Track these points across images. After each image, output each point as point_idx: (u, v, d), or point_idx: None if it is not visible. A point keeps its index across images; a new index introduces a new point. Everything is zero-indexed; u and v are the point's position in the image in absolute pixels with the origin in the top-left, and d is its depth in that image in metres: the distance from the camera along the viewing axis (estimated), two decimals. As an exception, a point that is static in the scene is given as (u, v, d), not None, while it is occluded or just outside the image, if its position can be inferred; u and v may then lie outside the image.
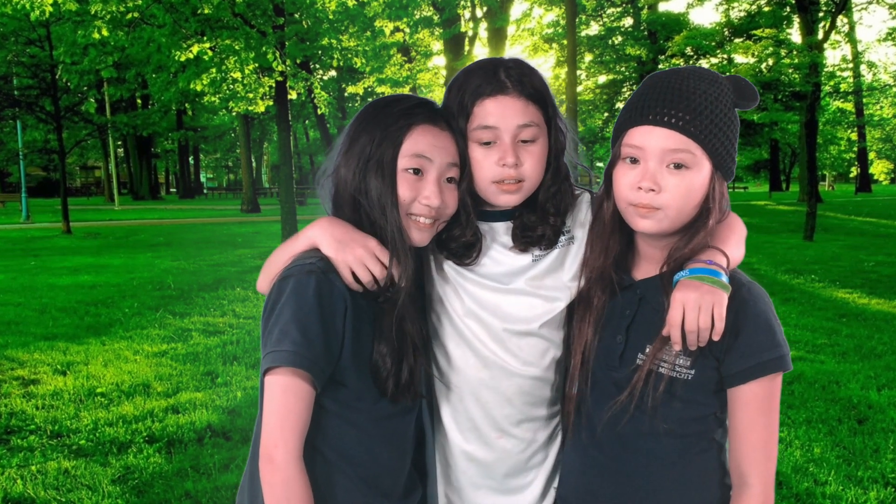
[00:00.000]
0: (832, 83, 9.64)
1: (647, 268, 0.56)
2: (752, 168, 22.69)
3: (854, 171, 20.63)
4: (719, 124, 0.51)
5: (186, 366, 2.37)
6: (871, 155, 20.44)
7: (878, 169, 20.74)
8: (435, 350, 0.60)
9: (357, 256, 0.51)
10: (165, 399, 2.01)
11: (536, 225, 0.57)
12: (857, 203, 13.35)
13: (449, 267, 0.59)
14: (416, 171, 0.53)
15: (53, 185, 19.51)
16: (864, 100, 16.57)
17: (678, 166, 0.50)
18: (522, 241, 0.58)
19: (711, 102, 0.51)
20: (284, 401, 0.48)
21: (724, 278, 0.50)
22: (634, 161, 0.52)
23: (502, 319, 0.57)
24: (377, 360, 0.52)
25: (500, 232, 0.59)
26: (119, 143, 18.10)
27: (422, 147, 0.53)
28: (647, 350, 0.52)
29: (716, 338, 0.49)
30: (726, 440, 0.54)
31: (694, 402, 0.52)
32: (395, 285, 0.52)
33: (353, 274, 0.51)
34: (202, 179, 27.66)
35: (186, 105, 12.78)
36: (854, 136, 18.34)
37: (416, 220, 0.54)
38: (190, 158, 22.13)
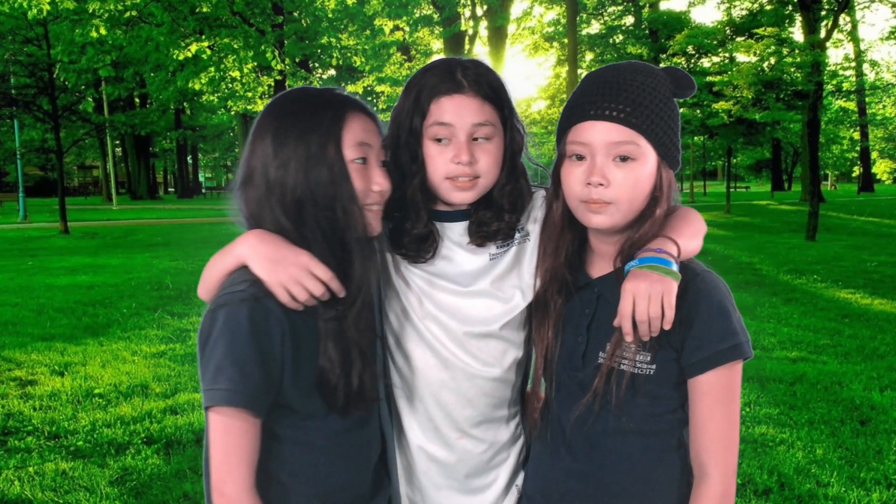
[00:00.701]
0: (834, 82, 9.60)
1: (602, 265, 0.56)
2: (754, 167, 22.65)
3: (856, 171, 20.52)
4: (660, 114, 0.51)
5: (185, 366, 2.35)
6: (874, 154, 20.14)
7: (881, 168, 20.58)
8: (395, 350, 0.59)
9: (291, 275, 0.48)
10: (164, 400, 2.00)
11: (492, 220, 0.58)
12: (860, 203, 13.31)
13: (406, 268, 0.59)
14: (363, 160, 0.52)
15: (51, 185, 19.30)
16: (867, 99, 16.47)
17: (624, 159, 0.51)
18: (478, 236, 0.58)
19: (650, 93, 0.51)
20: (227, 438, 0.47)
21: (674, 266, 0.50)
22: (581, 158, 0.52)
23: (461, 322, 0.57)
24: (325, 373, 0.50)
25: (456, 232, 0.59)
26: (117, 142, 17.98)
27: (361, 135, 0.51)
28: (608, 348, 0.52)
29: (666, 326, 0.49)
30: None
31: (658, 397, 0.52)
32: (336, 299, 0.49)
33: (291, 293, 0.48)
34: (200, 179, 27.51)
35: (185, 104, 12.76)
36: (857, 136, 18.33)
37: (371, 209, 0.53)
38: (188, 158, 22.17)
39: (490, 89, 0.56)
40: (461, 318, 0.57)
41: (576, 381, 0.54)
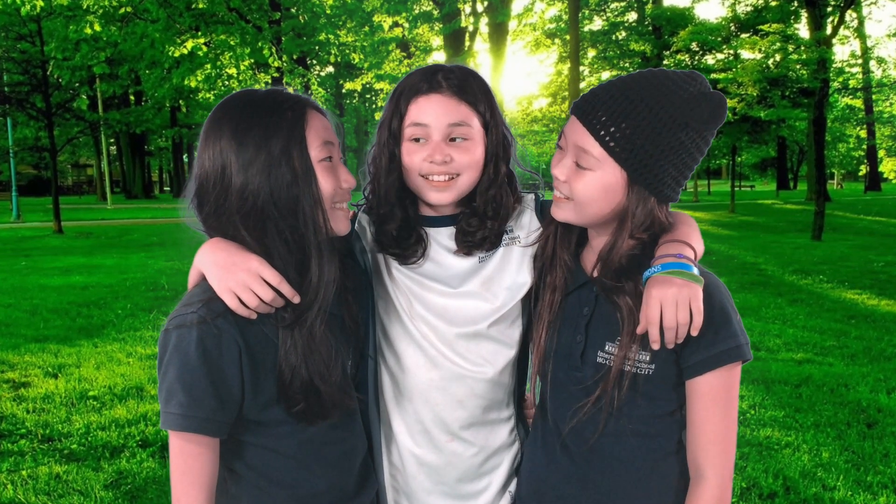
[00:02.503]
0: (841, 79, 9.49)
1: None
2: (759, 166, 22.36)
3: (863, 170, 20.64)
4: (647, 143, 0.50)
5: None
6: (881, 153, 19.84)
7: (888, 167, 20.00)
8: (385, 350, 0.59)
9: (239, 281, 0.47)
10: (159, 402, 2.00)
11: (476, 229, 0.58)
12: (867, 202, 13.30)
13: (396, 269, 0.59)
14: (329, 159, 0.51)
15: (44, 184, 19.21)
16: (874, 96, 16.39)
17: (581, 166, 0.52)
18: (464, 245, 0.58)
19: (647, 116, 0.50)
20: (183, 460, 0.48)
21: (696, 271, 0.50)
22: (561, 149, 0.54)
23: (450, 323, 0.58)
24: (283, 382, 0.48)
25: (444, 236, 0.60)
26: (112, 140, 17.93)
27: (324, 133, 0.51)
28: (608, 348, 0.52)
29: (694, 333, 0.49)
30: None
31: (657, 398, 0.52)
32: (290, 304, 0.48)
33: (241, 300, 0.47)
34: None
35: (180, 102, 12.68)
36: (863, 134, 18.14)
37: (342, 208, 0.52)
38: (184, 156, 21.74)
39: (470, 91, 0.56)
40: (449, 318, 0.57)
41: (574, 381, 0.54)
